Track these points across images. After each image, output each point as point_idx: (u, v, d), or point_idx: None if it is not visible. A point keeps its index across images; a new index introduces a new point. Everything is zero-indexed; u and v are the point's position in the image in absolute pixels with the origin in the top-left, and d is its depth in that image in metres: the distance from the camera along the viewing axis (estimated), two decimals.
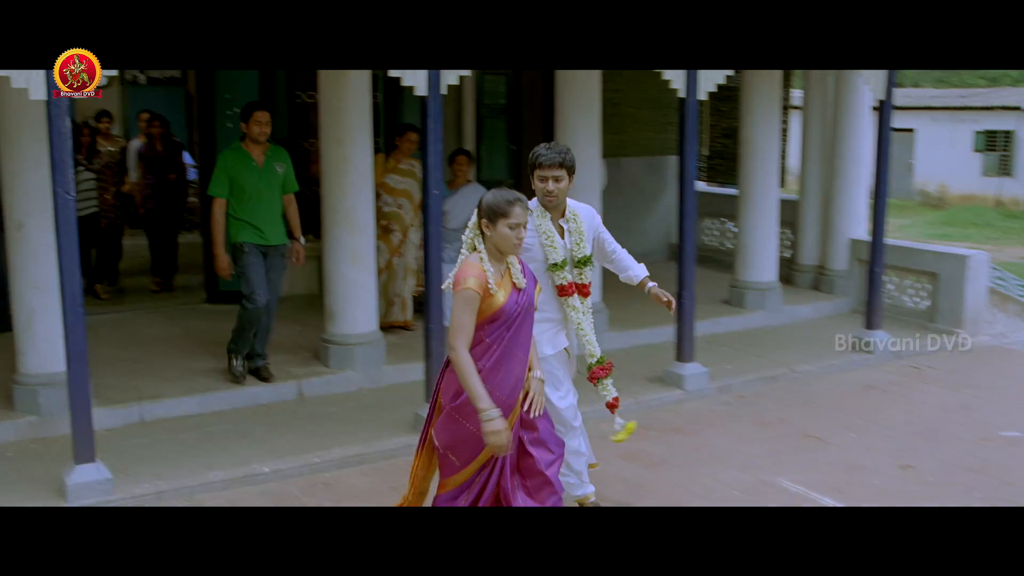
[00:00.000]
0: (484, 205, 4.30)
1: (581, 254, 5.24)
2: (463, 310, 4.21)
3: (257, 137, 7.06)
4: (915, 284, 10.02)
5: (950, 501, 5.96)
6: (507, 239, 4.25)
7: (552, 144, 5.11)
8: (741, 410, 7.60)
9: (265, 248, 7.14)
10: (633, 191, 12.09)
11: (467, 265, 4.27)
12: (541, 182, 5.02)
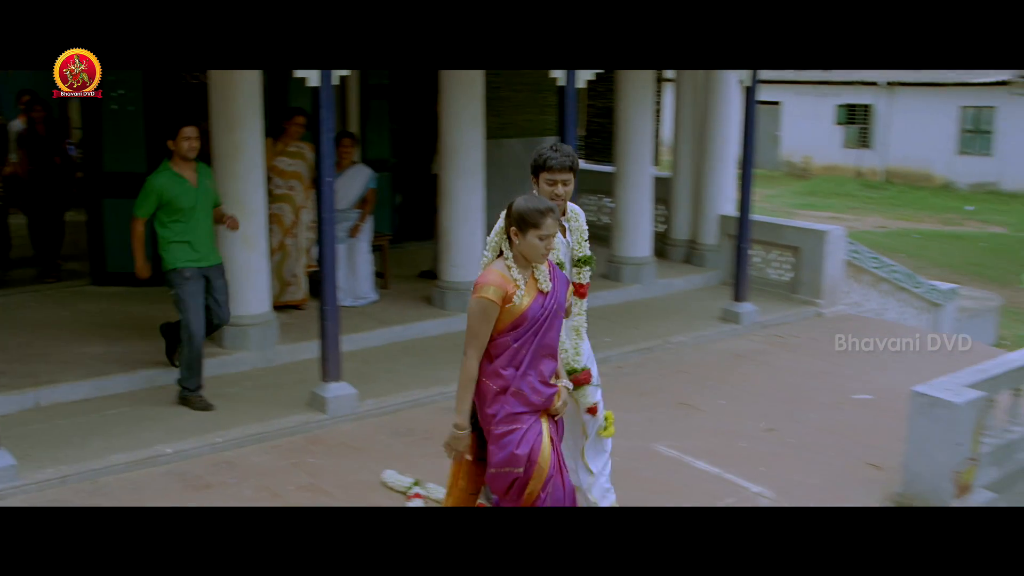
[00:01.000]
0: (515, 213, 4.19)
1: (581, 253, 5.21)
2: (479, 318, 4.17)
3: (187, 154, 6.73)
4: (779, 257, 10.67)
5: (807, 461, 6.54)
6: (536, 249, 4.17)
7: (558, 146, 4.98)
8: (620, 380, 8.05)
9: (206, 270, 6.89)
10: (514, 169, 12.42)
11: (490, 271, 4.21)
12: (549, 185, 4.88)
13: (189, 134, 6.70)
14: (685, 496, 5.96)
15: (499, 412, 4.23)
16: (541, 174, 4.91)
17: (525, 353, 4.22)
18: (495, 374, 4.23)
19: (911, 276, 12.02)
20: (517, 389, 4.22)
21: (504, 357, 4.21)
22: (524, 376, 4.23)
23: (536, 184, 4.93)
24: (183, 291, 6.76)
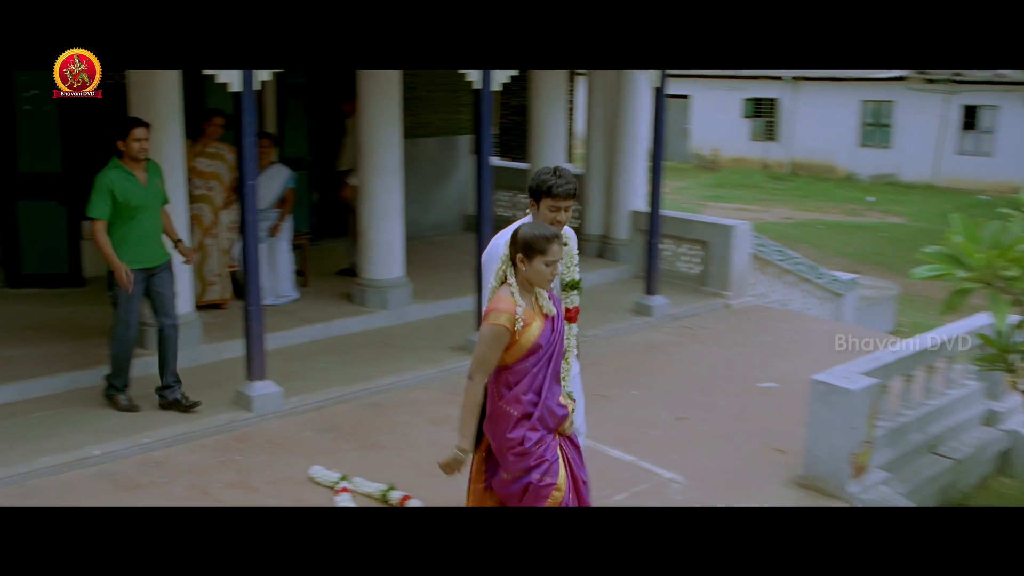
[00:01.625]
0: (521, 240, 4.26)
1: (570, 277, 5.23)
2: (490, 345, 4.25)
3: (137, 155, 6.64)
4: (689, 251, 11.05)
5: (716, 448, 6.88)
6: (542, 275, 4.25)
7: (560, 171, 4.94)
8: None
9: (151, 269, 6.83)
10: (429, 167, 12.64)
11: (500, 299, 4.28)
12: (552, 211, 4.85)
13: (140, 135, 6.63)
14: (601, 483, 6.21)
15: (524, 440, 4.29)
16: (543, 199, 4.86)
17: (543, 378, 4.32)
18: (516, 400, 4.30)
19: (814, 267, 12.51)
20: (541, 414, 4.30)
21: (524, 383, 4.29)
22: (546, 401, 4.32)
23: (535, 208, 4.90)
24: (124, 291, 6.69)
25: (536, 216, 4.88)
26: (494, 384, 4.37)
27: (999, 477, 7.44)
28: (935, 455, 7.03)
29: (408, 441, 6.82)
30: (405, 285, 9.33)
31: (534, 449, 4.31)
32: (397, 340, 8.70)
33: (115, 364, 6.94)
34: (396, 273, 9.27)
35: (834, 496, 6.08)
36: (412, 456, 6.55)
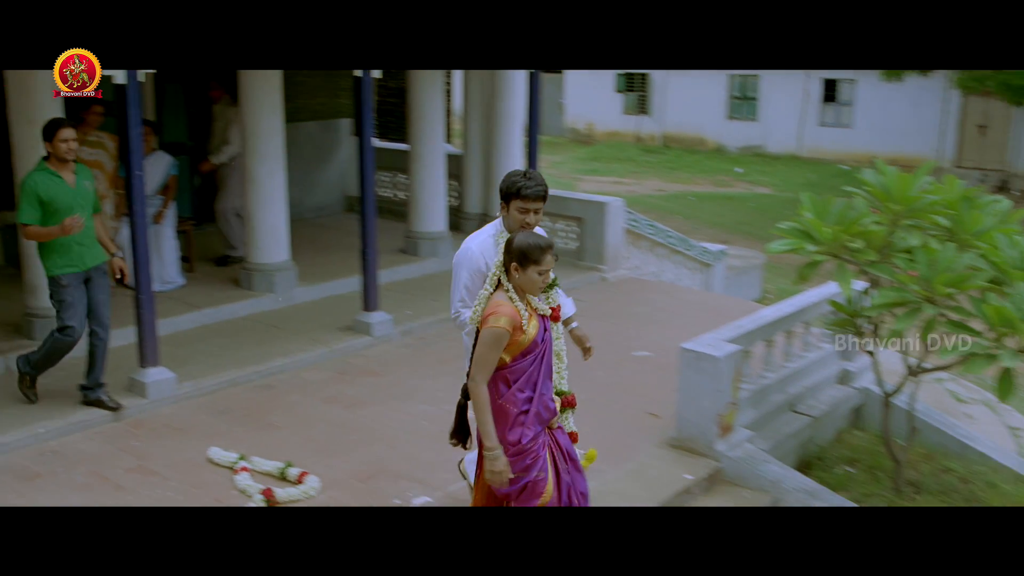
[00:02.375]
0: (516, 249, 4.41)
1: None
2: (490, 347, 4.39)
3: (65, 156, 6.55)
4: (566, 228, 11.48)
5: (595, 415, 7.30)
6: (534, 283, 4.43)
7: (531, 174, 5.01)
8: (423, 351, 8.63)
9: (87, 273, 6.75)
10: (310, 150, 12.76)
11: (498, 303, 4.42)
12: (522, 213, 4.93)
13: (67, 136, 6.54)
14: None
15: (522, 438, 4.50)
16: (513, 201, 4.94)
17: (537, 375, 4.53)
18: (514, 399, 4.50)
19: (684, 240, 13.09)
20: (537, 410, 4.53)
21: (522, 381, 4.49)
22: (540, 396, 4.55)
23: (506, 210, 5.00)
24: (66, 295, 6.65)
25: (507, 217, 5.01)
26: (492, 383, 4.51)
27: (852, 431, 8.05)
28: (795, 413, 7.59)
29: (302, 420, 7.06)
30: (291, 268, 9.51)
31: (530, 447, 4.52)
32: (285, 323, 8.90)
33: (44, 354, 6.85)
34: (282, 257, 9.45)
35: (703, 455, 6.57)
36: (307, 434, 6.81)
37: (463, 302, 5.08)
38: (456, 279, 5.13)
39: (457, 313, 5.17)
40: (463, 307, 5.08)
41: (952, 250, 5.96)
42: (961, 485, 7.28)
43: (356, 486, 6.11)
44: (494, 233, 5.10)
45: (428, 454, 6.56)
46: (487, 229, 5.17)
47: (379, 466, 6.39)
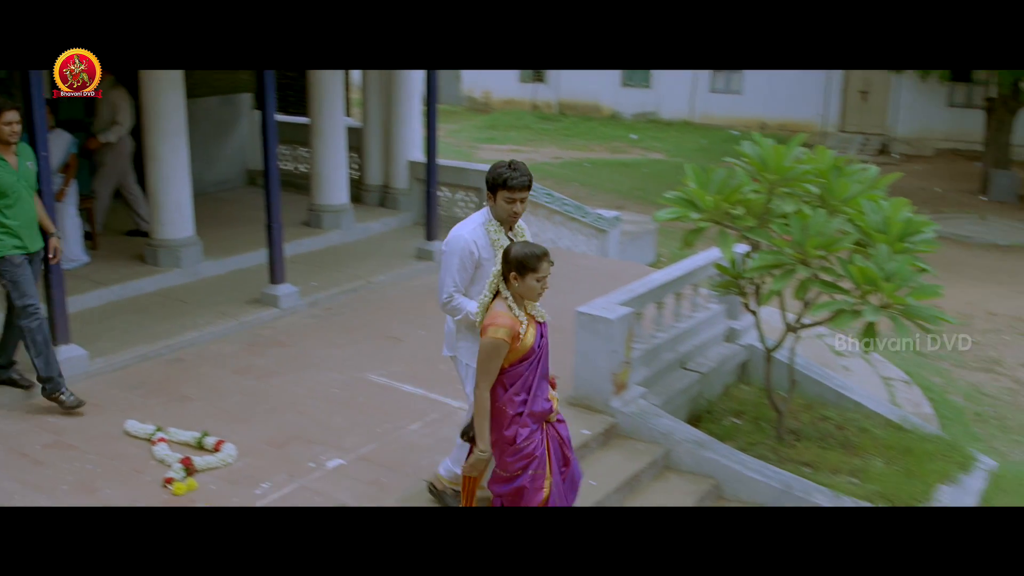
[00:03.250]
0: (514, 259, 4.61)
1: None
2: (492, 356, 4.63)
3: (8, 138, 6.45)
4: (465, 197, 11.79)
5: None
6: (533, 290, 4.64)
7: (516, 164, 5.17)
8: (330, 320, 8.89)
9: (30, 256, 6.73)
10: (209, 124, 12.80)
11: (497, 314, 4.64)
12: (508, 203, 5.12)
13: (11, 118, 6.45)
14: (397, 415, 6.93)
15: (517, 436, 4.76)
16: (500, 192, 5.12)
17: (533, 378, 4.79)
18: (511, 401, 4.75)
19: (580, 207, 13.49)
20: (531, 410, 4.78)
21: (518, 385, 4.75)
22: (535, 398, 4.80)
23: (492, 200, 5.19)
24: (17, 275, 6.59)
25: (494, 207, 5.21)
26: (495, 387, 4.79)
27: (739, 385, 8.58)
28: (685, 370, 8.08)
29: (215, 391, 7.28)
30: (196, 243, 9.64)
31: (525, 445, 4.77)
32: (193, 297, 9.05)
33: (39, 356, 6.72)
34: (187, 232, 9.57)
35: (600, 411, 7.00)
36: (220, 405, 7.04)
37: (455, 287, 5.24)
38: (447, 266, 5.28)
39: (450, 297, 5.28)
40: (455, 291, 5.25)
41: (823, 216, 6.46)
42: (837, 432, 7.86)
43: (272, 452, 6.38)
44: (483, 222, 5.28)
45: (339, 420, 6.86)
46: (475, 218, 5.36)
47: (293, 432, 6.66)
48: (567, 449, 5.04)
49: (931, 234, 6.53)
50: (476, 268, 5.21)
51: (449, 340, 5.56)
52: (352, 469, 6.20)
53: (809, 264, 6.42)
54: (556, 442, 4.96)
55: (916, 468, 7.47)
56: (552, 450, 4.92)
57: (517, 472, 4.81)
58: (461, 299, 5.23)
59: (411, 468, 6.22)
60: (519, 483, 4.82)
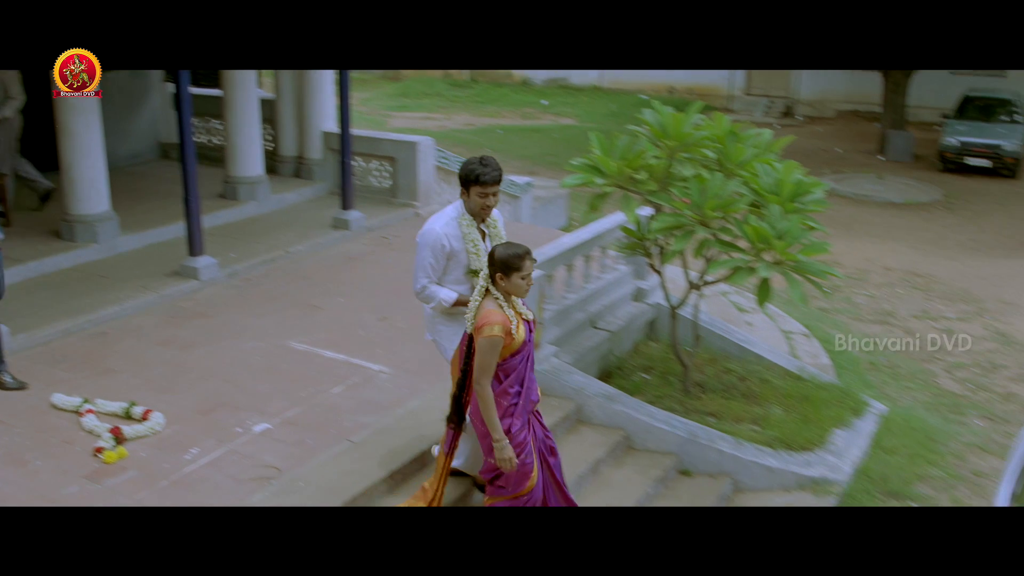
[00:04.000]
0: (499, 261, 4.95)
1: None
2: (490, 353, 4.96)
3: None
4: (379, 167, 11.99)
5: (416, 341, 7.92)
6: (519, 287, 4.98)
7: (486, 160, 5.45)
8: (250, 291, 9.07)
9: None
10: (121, 98, 12.76)
11: (490, 312, 4.98)
12: (482, 197, 5.42)
13: None
14: (320, 380, 7.18)
15: (511, 427, 5.10)
16: (473, 187, 5.41)
17: (525, 371, 5.15)
18: (505, 393, 5.09)
19: None
20: (524, 401, 5.13)
21: (512, 377, 5.09)
22: (527, 389, 5.16)
23: (466, 195, 5.47)
24: None
25: (467, 201, 5.50)
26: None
27: (647, 342, 8.98)
28: (596, 328, 8.44)
29: (139, 363, 7.44)
30: (112, 218, 9.70)
31: (518, 434, 5.12)
32: (112, 272, 9.14)
33: None
34: (102, 207, 9.62)
35: None
36: (145, 376, 7.21)
37: (428, 278, 5.57)
38: (420, 257, 5.56)
39: (423, 287, 5.61)
40: (429, 282, 5.57)
41: (720, 179, 6.84)
42: (740, 383, 8.32)
43: (199, 419, 6.59)
44: (456, 216, 5.55)
45: (263, 386, 7.08)
46: (448, 211, 5.63)
47: (218, 400, 6.87)
48: (550, 440, 5.44)
49: (820, 194, 6.95)
50: (448, 260, 5.53)
51: (429, 325, 5.90)
52: (278, 432, 6.45)
53: (708, 225, 6.81)
54: (540, 431, 5.38)
55: (813, 414, 7.97)
56: (537, 439, 5.32)
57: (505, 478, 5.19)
58: (434, 288, 5.57)
59: (335, 429, 6.49)
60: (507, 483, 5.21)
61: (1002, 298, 13.41)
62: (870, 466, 7.75)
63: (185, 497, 5.67)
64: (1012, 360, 11.14)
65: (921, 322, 12.28)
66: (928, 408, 9.54)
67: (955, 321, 12.40)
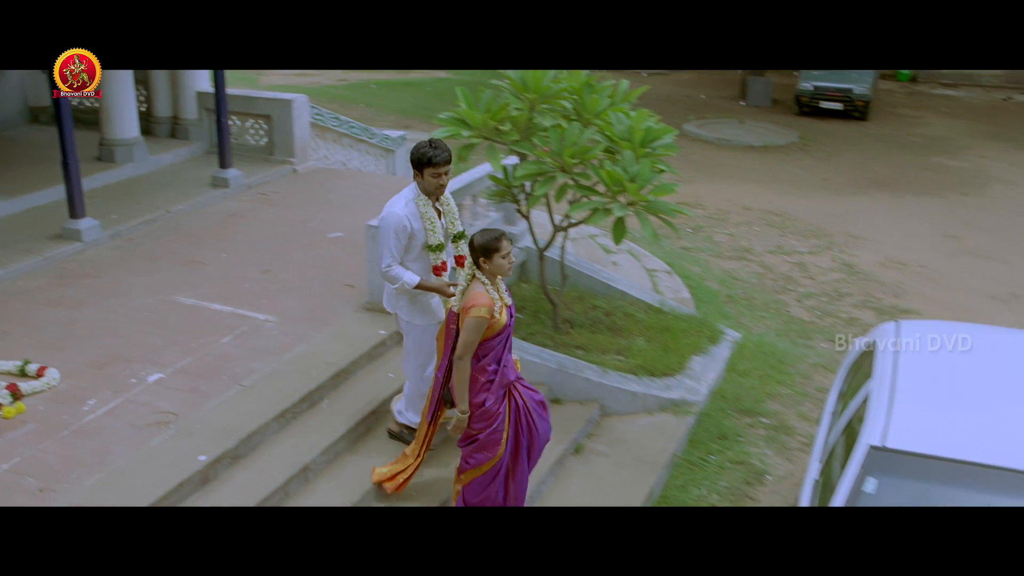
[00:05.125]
0: (479, 246, 5.38)
1: (455, 231, 6.29)
2: (475, 331, 5.37)
3: None
4: (255, 125, 12.23)
5: (300, 289, 8.36)
6: (502, 267, 5.43)
7: (436, 143, 6.01)
8: (134, 250, 9.30)
9: None
10: None
11: (477, 294, 5.41)
12: (435, 178, 5.95)
13: None
14: (209, 332, 7.53)
15: (485, 401, 5.53)
16: (426, 169, 5.94)
17: (502, 351, 5.57)
18: (483, 370, 5.52)
19: (367, 129, 14.11)
20: (499, 380, 5.56)
21: (490, 357, 5.52)
22: (503, 368, 5.59)
23: (420, 176, 5.99)
24: None
25: (421, 183, 6.01)
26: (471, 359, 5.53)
27: (519, 283, 9.53)
28: None
29: (29, 324, 7.66)
30: None
31: (491, 408, 5.56)
32: None
33: None
34: None
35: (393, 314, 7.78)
36: (37, 336, 7.45)
37: (393, 258, 6.05)
38: (384, 239, 6.05)
39: (388, 267, 6.08)
40: (393, 262, 6.05)
41: (577, 128, 7.38)
42: (605, 318, 8.95)
43: (94, 373, 6.89)
44: (412, 197, 6.06)
45: (154, 339, 7.41)
46: (405, 193, 6.13)
47: (111, 354, 7.17)
48: (531, 417, 5.81)
49: (670, 139, 7.55)
50: (409, 239, 6.01)
51: (389, 299, 6.41)
52: (172, 381, 6.81)
53: (567, 171, 7.35)
54: (523, 410, 5.77)
55: (673, 343, 8.67)
56: (513, 413, 5.74)
57: (481, 430, 5.63)
58: (398, 268, 6.06)
59: (226, 376, 6.88)
60: (481, 437, 5.65)
61: (850, 232, 14.39)
62: (725, 388, 8.51)
63: (87, 445, 6.01)
64: (856, 288, 12.07)
65: (776, 257, 13.14)
66: (779, 334, 10.36)
67: (807, 255, 13.31)
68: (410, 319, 6.27)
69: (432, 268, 6.18)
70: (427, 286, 6.12)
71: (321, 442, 6.37)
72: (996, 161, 19.21)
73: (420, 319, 6.26)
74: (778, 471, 7.56)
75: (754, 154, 19.55)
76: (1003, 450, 4.72)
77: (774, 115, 22.78)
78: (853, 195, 16.71)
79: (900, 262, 13.10)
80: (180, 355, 7.17)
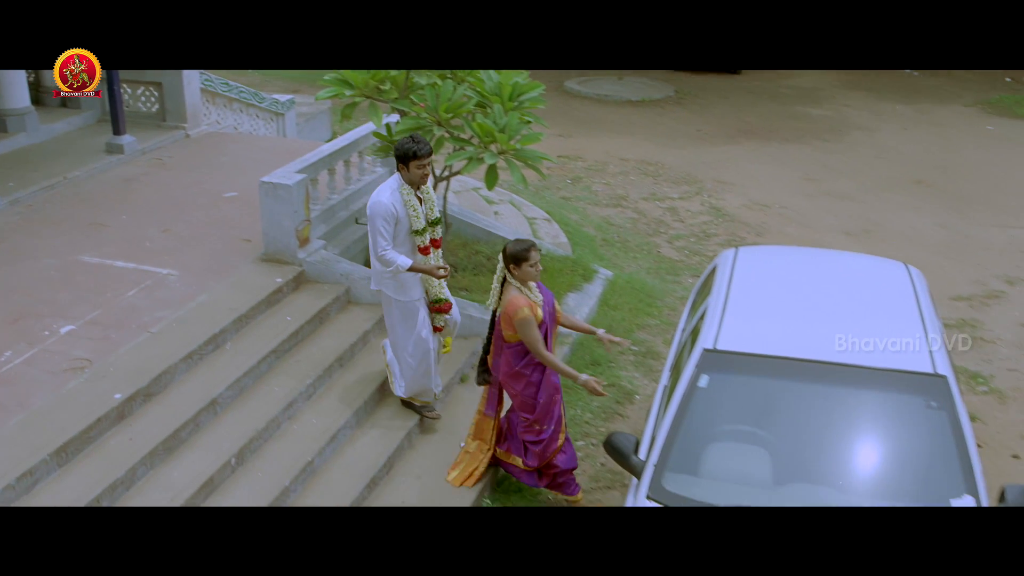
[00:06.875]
0: (509, 255, 6.08)
1: (433, 216, 6.85)
2: (530, 328, 6.05)
3: None
4: (146, 92, 12.56)
5: (200, 246, 8.89)
6: (529, 273, 6.08)
7: (417, 137, 6.61)
8: (34, 216, 9.66)
9: None
10: None
11: (515, 298, 6.09)
12: (420, 169, 6.56)
13: None
14: (116, 287, 8.04)
15: (532, 381, 6.30)
16: (412, 162, 6.54)
17: (547, 344, 6.24)
18: (528, 365, 6.26)
19: (256, 93, 14.53)
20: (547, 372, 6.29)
21: (531, 355, 6.21)
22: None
23: (405, 169, 6.57)
24: None
25: (406, 174, 6.59)
26: (510, 354, 6.27)
27: None
28: (358, 224, 9.59)
29: None
30: None
31: (539, 384, 6.30)
32: None
33: None
34: None
35: (289, 263, 8.44)
36: None
37: (386, 241, 6.61)
38: (374, 227, 6.61)
39: (384, 251, 6.64)
40: (388, 246, 6.63)
41: (451, 86, 8.06)
42: (487, 262, 9.69)
43: (6, 328, 7.36)
44: (397, 187, 6.65)
45: (63, 296, 7.89)
46: (390, 183, 6.72)
47: (22, 311, 7.63)
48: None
49: (536, 94, 8.28)
50: (396, 225, 6.59)
51: (376, 277, 7.00)
52: (83, 331, 7.33)
53: (443, 125, 8.04)
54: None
55: (549, 282, 9.39)
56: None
57: (542, 428, 6.41)
58: (392, 252, 6.67)
59: (135, 324, 7.43)
60: (543, 436, 6.41)
61: (719, 179, 15.37)
62: (597, 320, 9.35)
63: (6, 391, 6.52)
64: (722, 229, 13.04)
65: (649, 203, 14.04)
66: (650, 272, 11.26)
67: (678, 200, 14.24)
68: (395, 295, 6.91)
69: (417, 249, 6.80)
70: (419, 268, 6.78)
71: (227, 378, 7.00)
72: (858, 110, 20.43)
73: (404, 295, 6.91)
74: (646, 391, 8.44)
75: (632, 108, 20.43)
76: (809, 346, 5.62)
77: (652, 71, 23.70)
78: (723, 144, 17.70)
79: (764, 204, 14.12)
80: (89, 308, 7.67)
